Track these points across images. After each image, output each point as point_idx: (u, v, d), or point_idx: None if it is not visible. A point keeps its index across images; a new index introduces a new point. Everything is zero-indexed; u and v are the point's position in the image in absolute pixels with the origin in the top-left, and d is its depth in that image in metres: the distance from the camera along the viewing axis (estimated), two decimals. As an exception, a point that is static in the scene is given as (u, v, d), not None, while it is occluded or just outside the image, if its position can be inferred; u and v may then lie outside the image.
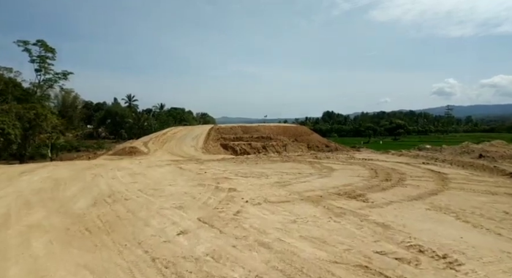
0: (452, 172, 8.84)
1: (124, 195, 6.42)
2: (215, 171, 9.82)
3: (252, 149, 30.12)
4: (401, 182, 7.58)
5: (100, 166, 11.80)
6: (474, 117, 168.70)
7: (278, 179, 8.11)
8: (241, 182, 7.75)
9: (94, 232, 4.21)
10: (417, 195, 6.14)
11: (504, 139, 46.12)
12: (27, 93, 34.62)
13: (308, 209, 5.21)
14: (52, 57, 34.14)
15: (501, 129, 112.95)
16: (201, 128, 35.89)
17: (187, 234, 4.08)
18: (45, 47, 33.71)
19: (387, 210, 5.14)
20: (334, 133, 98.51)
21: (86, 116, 73.22)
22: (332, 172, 9.33)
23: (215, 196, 6.24)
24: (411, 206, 5.37)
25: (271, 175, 8.87)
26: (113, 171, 10.09)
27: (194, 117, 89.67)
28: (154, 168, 11.02)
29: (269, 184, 7.52)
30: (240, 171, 9.73)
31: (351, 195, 6.16)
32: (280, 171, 9.74)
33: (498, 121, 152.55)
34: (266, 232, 4.09)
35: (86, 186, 7.49)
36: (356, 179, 8.07)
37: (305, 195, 6.19)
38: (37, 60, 33.64)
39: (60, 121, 38.23)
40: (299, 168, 10.45)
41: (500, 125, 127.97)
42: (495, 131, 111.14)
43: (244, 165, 11.79)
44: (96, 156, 25.04)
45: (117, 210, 5.26)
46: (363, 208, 5.26)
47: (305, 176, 8.69)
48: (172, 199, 6.02)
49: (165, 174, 9.40)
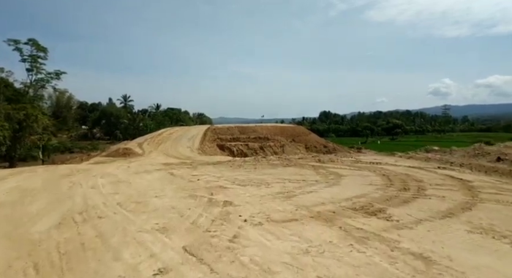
0: (475, 179, 7.89)
1: (98, 212, 5.39)
2: (209, 178, 8.80)
3: (249, 149, 29.19)
4: (422, 192, 6.62)
5: (84, 171, 10.74)
6: (470, 117, 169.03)
7: (280, 189, 7.11)
8: (238, 193, 6.74)
9: (42, 272, 3.17)
10: (448, 210, 5.16)
11: (503, 138, 45.43)
12: (19, 94, 33.41)
13: (321, 232, 4.22)
14: (44, 57, 33.01)
15: (497, 128, 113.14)
16: (197, 128, 34.95)
17: (167, 275, 3.07)
18: (37, 46, 32.57)
19: (419, 232, 4.16)
20: (332, 133, 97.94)
21: (80, 116, 71.93)
22: (340, 179, 8.35)
23: (208, 212, 5.23)
24: (446, 227, 4.39)
25: (272, 183, 7.87)
26: (95, 178, 9.04)
27: (191, 117, 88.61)
28: (142, 174, 9.98)
29: (270, 194, 6.52)
30: (237, 178, 8.72)
31: (369, 211, 5.18)
32: (281, 177, 8.74)
33: (493, 121, 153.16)
34: (271, 271, 3.08)
35: (57, 199, 6.44)
36: (369, 188, 7.09)
37: (314, 211, 5.20)
38: (29, 60, 32.52)
39: (51, 122, 37.00)
40: (302, 173, 9.46)
41: (496, 124, 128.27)
42: (491, 130, 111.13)
43: (241, 170, 10.78)
44: (90, 157, 24.00)
45: (84, 235, 4.23)
46: (388, 229, 4.27)
47: (310, 184, 7.69)
48: (156, 217, 5.00)
49: (152, 182, 8.36)
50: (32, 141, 34.40)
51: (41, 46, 32.78)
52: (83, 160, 22.33)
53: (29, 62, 32.47)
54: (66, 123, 60.91)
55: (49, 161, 34.85)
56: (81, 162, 21.14)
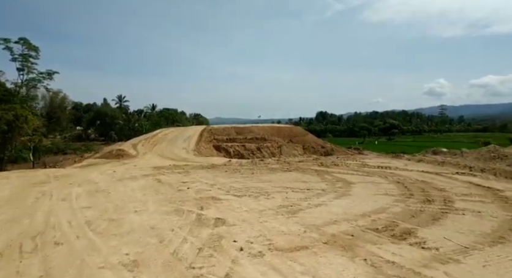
0: (505, 187, 6.91)
1: (58, 235, 4.32)
2: (201, 186, 7.75)
3: (246, 150, 28.13)
4: (449, 204, 5.62)
5: (62, 178, 9.64)
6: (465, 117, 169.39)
7: (283, 201, 6.08)
8: (233, 206, 5.70)
9: None
10: (495, 232, 4.16)
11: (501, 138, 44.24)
12: (10, 94, 32.21)
13: (342, 268, 3.19)
14: (36, 56, 31.89)
15: (493, 128, 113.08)
16: (193, 129, 33.90)
17: None
18: (28, 45, 31.40)
19: (472, 269, 3.14)
20: (329, 133, 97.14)
21: (75, 117, 70.48)
22: (350, 187, 7.33)
23: (195, 235, 4.18)
24: (505, 259, 3.38)
25: (272, 192, 6.84)
26: (71, 187, 7.95)
27: (187, 117, 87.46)
28: (126, 181, 8.90)
29: (271, 209, 5.48)
30: (232, 186, 7.68)
31: (395, 233, 4.16)
32: (283, 185, 7.72)
33: (488, 121, 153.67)
34: None
35: (15, 215, 5.35)
36: (386, 199, 6.08)
37: (328, 233, 4.17)
38: (19, 59, 31.41)
39: (42, 123, 35.76)
40: (306, 180, 8.43)
41: (492, 124, 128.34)
42: (488, 130, 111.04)
43: (237, 175, 9.74)
44: (82, 159, 22.91)
45: (23, 275, 3.16)
46: (430, 263, 3.25)
47: (317, 194, 6.66)
48: (128, 243, 3.95)
49: (135, 192, 7.28)
50: (22, 142, 33.25)
51: (33, 45, 31.64)
52: (76, 161, 21.34)
53: (20, 61, 31.43)
54: (60, 124, 59.53)
55: (40, 163, 33.59)
56: (73, 164, 20.17)
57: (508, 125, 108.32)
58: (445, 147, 36.14)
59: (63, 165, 19.82)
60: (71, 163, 21.24)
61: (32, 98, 36.70)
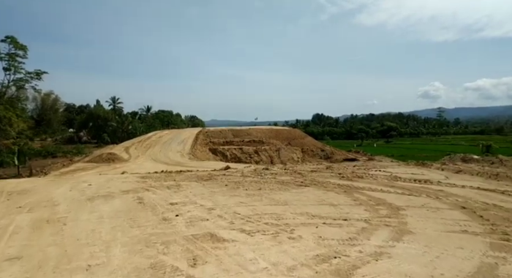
0: None
1: None
2: (195, 212, 5.68)
3: (243, 154, 26.22)
4: None
5: (15, 196, 7.52)
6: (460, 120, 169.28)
7: (317, 243, 4.03)
8: (244, 258, 3.63)
9: None
10: None
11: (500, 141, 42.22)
12: (-5, 95, 30.10)
13: None
14: (23, 55, 29.89)
15: (489, 131, 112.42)
16: (189, 131, 31.97)
17: None
18: (15, 44, 29.40)
19: None
20: (327, 135, 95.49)
21: (67, 119, 68.07)
22: (401, 216, 5.30)
23: None
24: None
25: (295, 225, 4.79)
26: (19, 212, 5.84)
27: (183, 119, 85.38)
28: (98, 201, 6.78)
29: (305, 264, 3.43)
30: (237, 212, 5.62)
31: None
32: (305, 210, 5.67)
33: (482, 123, 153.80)
34: None
35: None
36: (473, 242, 4.06)
37: None
38: (5, 58, 29.36)
39: (27, 125, 33.57)
40: (333, 202, 6.38)
41: (487, 127, 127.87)
42: (484, 133, 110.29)
43: (241, 191, 7.68)
44: (71, 163, 21.09)
45: None
46: None
47: (362, 229, 4.61)
48: None
49: (102, 223, 5.18)
50: (6, 145, 31.12)
51: (20, 44, 29.66)
52: (64, 165, 19.66)
53: (6, 60, 29.42)
54: (51, 126, 57.21)
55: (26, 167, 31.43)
56: (61, 168, 18.48)
57: (504, 128, 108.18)
58: (447, 150, 34.19)
59: (50, 169, 17.91)
60: (59, 167, 19.32)
61: (19, 99, 34.57)
